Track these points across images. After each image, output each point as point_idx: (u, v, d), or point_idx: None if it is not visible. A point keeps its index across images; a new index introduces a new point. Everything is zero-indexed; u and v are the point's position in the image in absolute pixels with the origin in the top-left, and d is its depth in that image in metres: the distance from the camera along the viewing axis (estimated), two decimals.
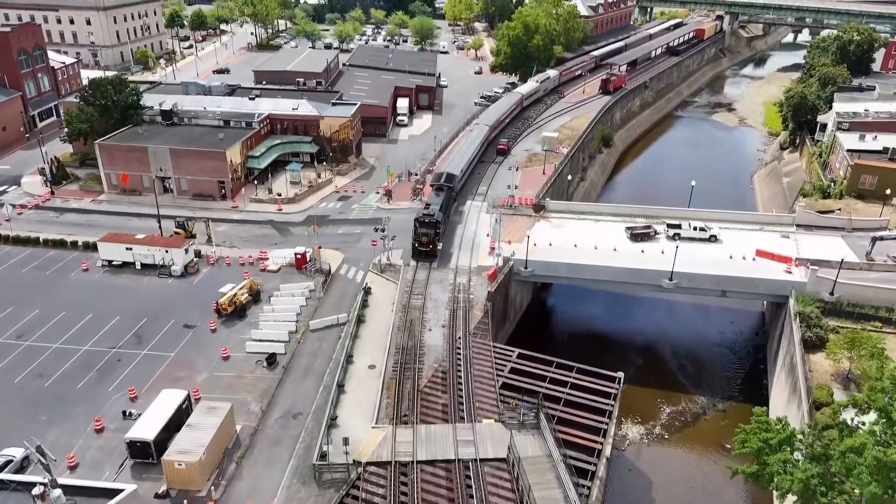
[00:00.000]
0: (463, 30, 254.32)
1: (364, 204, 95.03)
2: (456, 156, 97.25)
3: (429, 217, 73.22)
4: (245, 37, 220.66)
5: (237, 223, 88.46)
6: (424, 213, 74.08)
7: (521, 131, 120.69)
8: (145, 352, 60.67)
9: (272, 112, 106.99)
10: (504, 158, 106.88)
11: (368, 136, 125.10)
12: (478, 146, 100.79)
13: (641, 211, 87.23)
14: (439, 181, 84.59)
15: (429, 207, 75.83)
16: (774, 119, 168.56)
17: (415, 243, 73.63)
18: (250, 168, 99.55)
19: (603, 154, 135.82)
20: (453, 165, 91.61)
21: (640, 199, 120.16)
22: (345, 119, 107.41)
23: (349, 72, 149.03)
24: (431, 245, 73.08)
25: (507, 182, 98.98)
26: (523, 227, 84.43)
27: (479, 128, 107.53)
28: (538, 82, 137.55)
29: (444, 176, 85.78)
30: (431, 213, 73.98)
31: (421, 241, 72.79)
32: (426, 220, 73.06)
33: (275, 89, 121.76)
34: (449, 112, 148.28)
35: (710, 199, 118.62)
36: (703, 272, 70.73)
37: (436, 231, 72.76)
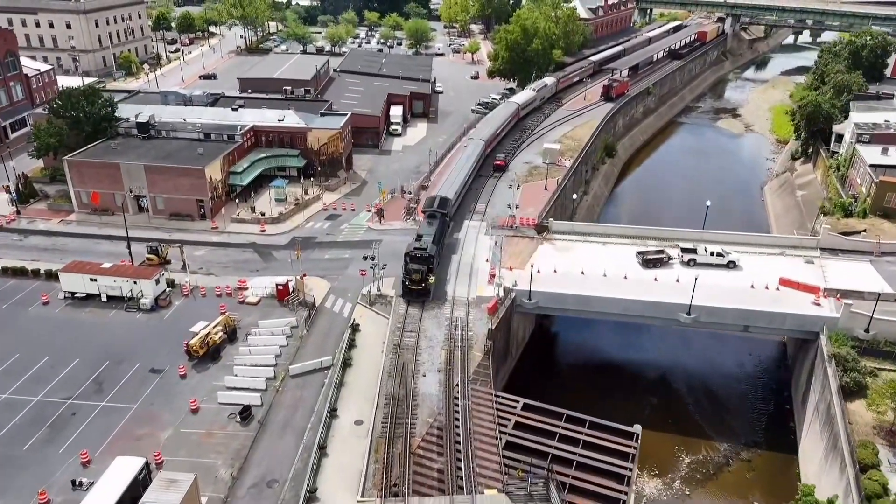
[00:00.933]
0: (459, 32, 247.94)
1: (354, 224, 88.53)
2: (449, 176, 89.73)
3: (421, 251, 65.48)
4: (234, 40, 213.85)
5: (216, 246, 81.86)
6: (416, 246, 66.30)
7: (519, 143, 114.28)
8: (104, 403, 54.07)
9: (256, 124, 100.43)
10: (502, 174, 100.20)
11: (360, 146, 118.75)
12: (473, 164, 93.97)
13: (652, 232, 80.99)
14: (432, 206, 77.06)
15: (420, 239, 67.96)
16: (782, 126, 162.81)
17: (405, 280, 65.92)
18: (232, 185, 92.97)
19: (606, 165, 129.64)
20: (446, 187, 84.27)
21: (646, 213, 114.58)
22: (334, 131, 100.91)
23: (340, 78, 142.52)
24: (424, 283, 65.43)
25: (506, 199, 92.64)
26: (525, 251, 78.23)
27: (473, 143, 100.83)
28: (535, 91, 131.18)
29: (436, 201, 78.20)
30: (423, 245, 66.29)
31: (412, 278, 65.05)
32: (418, 254, 65.37)
33: (260, 98, 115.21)
34: (444, 120, 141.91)
35: (719, 214, 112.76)
36: (724, 305, 64.40)
37: (429, 266, 65.31)
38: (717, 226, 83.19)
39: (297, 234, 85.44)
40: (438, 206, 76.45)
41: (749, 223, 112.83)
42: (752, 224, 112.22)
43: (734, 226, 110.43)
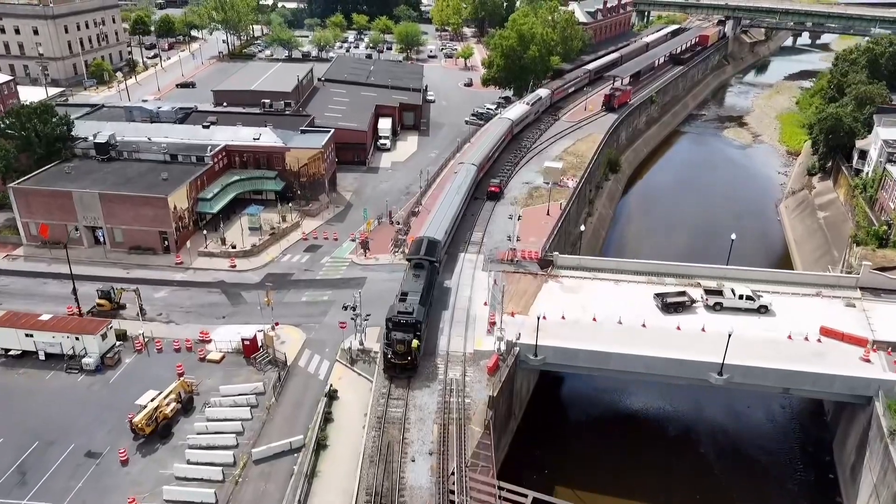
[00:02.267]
0: (451, 35, 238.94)
1: (336, 257, 79.39)
2: (438, 211, 78.01)
3: (406, 317, 54.11)
4: (216, 45, 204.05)
5: (179, 286, 72.55)
6: (400, 310, 54.91)
7: (515, 162, 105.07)
8: (24, 502, 44.70)
9: (229, 143, 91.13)
10: (498, 201, 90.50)
11: (345, 163, 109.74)
12: (464, 194, 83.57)
13: (669, 269, 72.20)
14: (418, 253, 65.46)
15: (405, 299, 56.54)
16: (792, 136, 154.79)
17: (387, 352, 54.27)
18: (201, 212, 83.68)
19: (610, 181, 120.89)
20: (434, 226, 72.96)
21: (655, 237, 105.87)
22: (315, 150, 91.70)
23: (325, 88, 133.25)
24: (410, 356, 53.48)
25: (505, 226, 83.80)
26: (528, 291, 69.29)
27: (464, 169, 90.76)
28: (528, 104, 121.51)
29: (423, 246, 66.66)
30: (409, 309, 54.85)
31: (396, 350, 53.39)
32: (402, 320, 53.86)
33: (235, 113, 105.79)
34: (437, 132, 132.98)
35: (731, 235, 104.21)
36: (762, 365, 55.56)
37: (416, 333, 54.53)
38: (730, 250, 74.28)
39: (272, 270, 76.33)
40: (426, 253, 65.17)
41: (766, 248, 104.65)
42: (769, 249, 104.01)
43: (749, 250, 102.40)
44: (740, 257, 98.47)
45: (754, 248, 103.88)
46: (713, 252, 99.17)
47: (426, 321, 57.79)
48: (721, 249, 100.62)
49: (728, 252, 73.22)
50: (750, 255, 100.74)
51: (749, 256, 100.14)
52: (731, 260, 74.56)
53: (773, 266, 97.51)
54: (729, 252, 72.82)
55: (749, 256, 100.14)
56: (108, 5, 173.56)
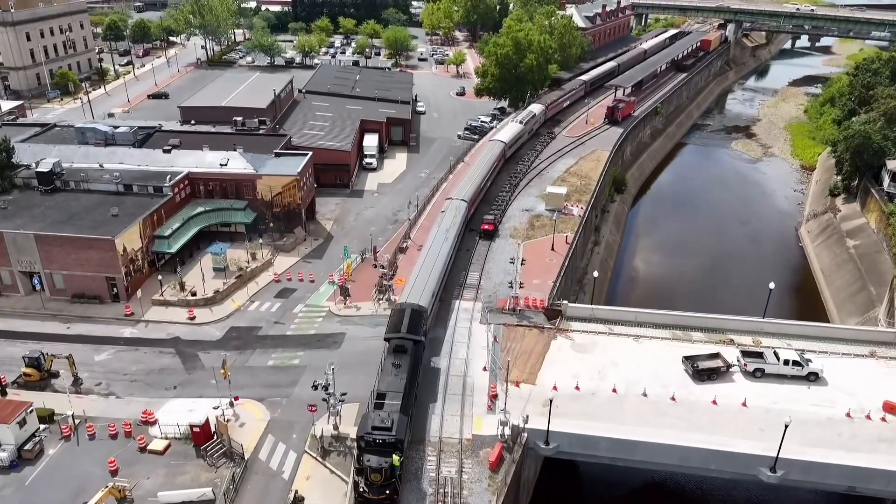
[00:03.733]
0: (442, 40, 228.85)
1: (311, 305, 69.13)
2: (422, 266, 64.58)
3: (383, 433, 41.52)
4: (195, 51, 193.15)
5: (126, 346, 62.10)
6: (375, 425, 42.06)
7: (511, 189, 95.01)
8: None
9: (193, 170, 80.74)
10: (493, 238, 79.44)
11: (327, 186, 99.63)
12: (454, 239, 71.68)
13: (696, 321, 62.42)
14: (398, 329, 51.53)
15: (381, 404, 43.92)
16: (805, 149, 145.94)
17: (358, 482, 41.95)
18: (158, 252, 73.28)
19: (616, 203, 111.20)
20: (418, 288, 59.28)
21: (668, 268, 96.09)
22: (290, 178, 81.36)
23: (306, 102, 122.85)
24: (389, 489, 41.10)
25: (505, 262, 74.28)
26: (535, 351, 59.36)
27: (453, 207, 78.25)
28: (522, 123, 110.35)
29: (404, 319, 52.76)
30: (387, 423, 42.11)
31: (371, 480, 40.97)
32: (378, 438, 41.49)
33: (204, 133, 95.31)
34: (427, 148, 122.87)
35: (748, 267, 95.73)
36: (824, 459, 45.75)
37: (396, 448, 41.73)
38: (747, 283, 64.26)
39: (237, 322, 66.01)
40: (409, 329, 51.74)
41: (789, 280, 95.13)
42: (792, 282, 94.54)
43: (768, 281, 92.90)
44: (758, 290, 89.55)
45: (775, 280, 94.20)
46: (733, 285, 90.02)
47: (410, 427, 45.30)
48: (740, 280, 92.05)
49: (766, 301, 63.15)
50: (765, 286, 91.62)
51: (805, 323, 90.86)
52: (754, 296, 64.99)
53: (799, 304, 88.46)
54: (766, 304, 62.89)
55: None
56: (76, 10, 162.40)
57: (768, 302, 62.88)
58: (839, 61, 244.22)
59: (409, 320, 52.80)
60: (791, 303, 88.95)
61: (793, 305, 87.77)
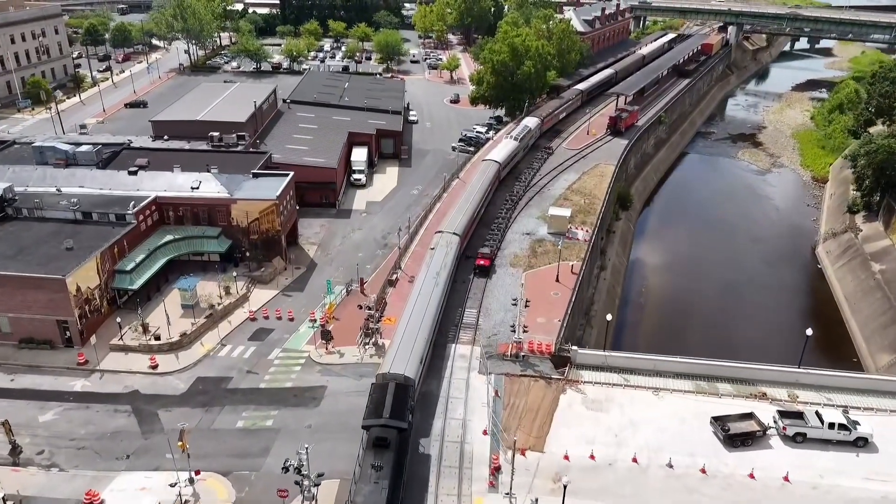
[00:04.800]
0: (435, 43, 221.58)
1: (288, 350, 61.73)
2: (409, 325, 54.38)
3: None
4: (178, 55, 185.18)
5: (77, 402, 54.57)
6: None
7: (510, 209, 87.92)
8: None
9: (161, 194, 73.23)
10: (489, 274, 71.18)
11: (312, 206, 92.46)
12: (444, 285, 62.19)
13: (722, 370, 55.43)
14: (378, 414, 43.09)
15: None
16: (815, 159, 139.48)
17: None
18: (119, 289, 65.77)
19: (621, 221, 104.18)
20: (403, 354, 49.65)
21: (679, 294, 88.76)
22: (268, 202, 73.89)
23: (290, 113, 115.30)
24: None
25: (505, 295, 67.25)
26: (542, 408, 52.29)
27: (444, 243, 68.97)
28: (516, 140, 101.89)
29: (386, 399, 44.22)
30: None
31: None
32: None
33: (176, 151, 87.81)
34: (420, 161, 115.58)
35: (767, 295, 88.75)
36: None
37: None
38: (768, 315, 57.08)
39: (204, 372, 58.57)
40: (393, 414, 42.88)
41: (809, 307, 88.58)
42: (813, 309, 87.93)
43: (788, 309, 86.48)
44: (781, 324, 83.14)
45: (794, 307, 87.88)
46: (752, 317, 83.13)
47: None
48: (760, 312, 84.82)
49: (802, 349, 56.06)
50: (790, 320, 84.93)
51: (790, 322, 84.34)
52: (777, 332, 58.12)
53: (822, 336, 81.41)
54: (802, 352, 55.78)
55: (790, 322, 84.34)
56: (50, 14, 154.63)
57: (804, 350, 55.68)
58: (841, 64, 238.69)
59: (393, 400, 44.30)
60: (813, 335, 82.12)
61: (815, 338, 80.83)
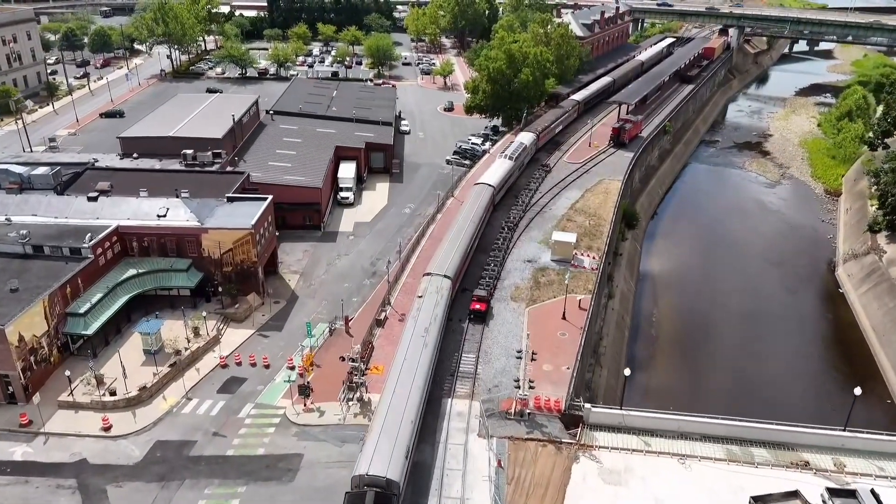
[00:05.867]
0: (428, 47, 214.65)
1: (262, 406, 54.47)
2: (392, 406, 45.52)
3: None
4: (161, 61, 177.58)
5: (13, 475, 47.22)
6: None
7: (509, 233, 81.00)
8: None
9: (124, 224, 65.90)
10: (485, 319, 63.33)
11: (295, 228, 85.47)
12: (434, 345, 53.39)
13: (757, 433, 48.55)
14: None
15: None
16: (826, 170, 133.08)
17: None
18: (72, 335, 58.44)
19: (627, 241, 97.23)
20: (385, 448, 41.30)
21: (694, 326, 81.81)
22: (243, 232, 66.62)
23: (273, 125, 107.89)
24: None
25: (507, 336, 60.39)
26: (552, 479, 45.37)
27: (433, 288, 60.60)
28: (512, 159, 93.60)
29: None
30: None
31: None
32: None
33: (145, 171, 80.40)
34: (412, 176, 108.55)
35: (790, 328, 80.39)
36: None
37: None
38: (850, 410, 50.10)
39: (164, 435, 51.30)
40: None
41: (832, 338, 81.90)
42: (836, 338, 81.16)
43: (814, 348, 79.43)
44: (803, 353, 76.34)
45: (818, 340, 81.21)
46: (778, 355, 76.29)
47: None
48: (785, 349, 77.47)
49: (848, 411, 49.09)
50: (817, 355, 78.38)
51: (816, 358, 77.81)
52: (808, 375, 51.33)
53: (847, 370, 75.06)
54: (849, 414, 48.82)
55: (816, 358, 77.81)
56: (22, 19, 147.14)
57: (851, 411, 48.72)
58: (844, 68, 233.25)
59: None
60: (836, 369, 75.70)
61: (839, 375, 74.37)
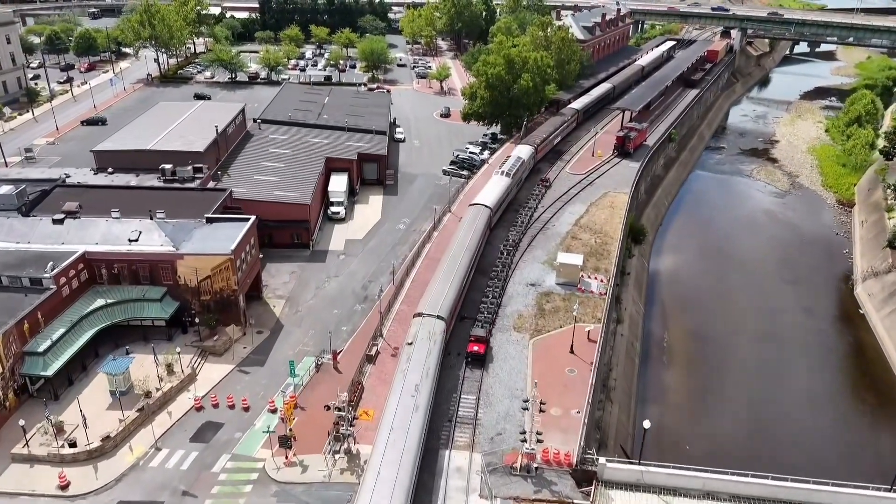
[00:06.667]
0: (424, 49, 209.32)
1: (239, 458, 49.02)
2: (377, 492, 39.29)
3: None
4: (147, 65, 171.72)
5: None
6: None
7: (510, 253, 75.86)
8: None
9: (92, 250, 60.42)
10: (485, 362, 57.17)
11: (281, 248, 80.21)
12: (426, 408, 46.74)
13: (793, 493, 43.34)
14: None
15: None
16: (836, 178, 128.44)
17: None
18: (30, 376, 52.96)
19: (635, 258, 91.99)
20: None
21: (709, 357, 76.09)
22: (222, 258, 61.16)
23: (260, 135, 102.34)
24: None
25: (510, 374, 55.24)
26: None
27: (426, 330, 54.24)
28: (508, 175, 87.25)
29: None
30: None
31: None
32: None
33: (119, 188, 74.84)
34: (407, 189, 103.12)
35: (813, 358, 74.93)
36: None
37: None
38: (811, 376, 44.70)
39: (128, 494, 45.82)
40: None
41: (859, 369, 76.85)
42: (866, 373, 75.87)
43: (839, 380, 74.11)
44: (828, 382, 71.10)
45: (842, 367, 76.08)
46: (793, 383, 71.24)
47: None
48: (811, 382, 71.91)
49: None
50: (838, 383, 73.41)
51: (842, 391, 72.79)
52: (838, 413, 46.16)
53: (873, 400, 70.09)
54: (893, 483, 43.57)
55: (842, 391, 72.79)
56: (1, 22, 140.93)
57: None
58: (848, 70, 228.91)
59: None
60: (865, 402, 70.65)
61: (869, 412, 69.32)
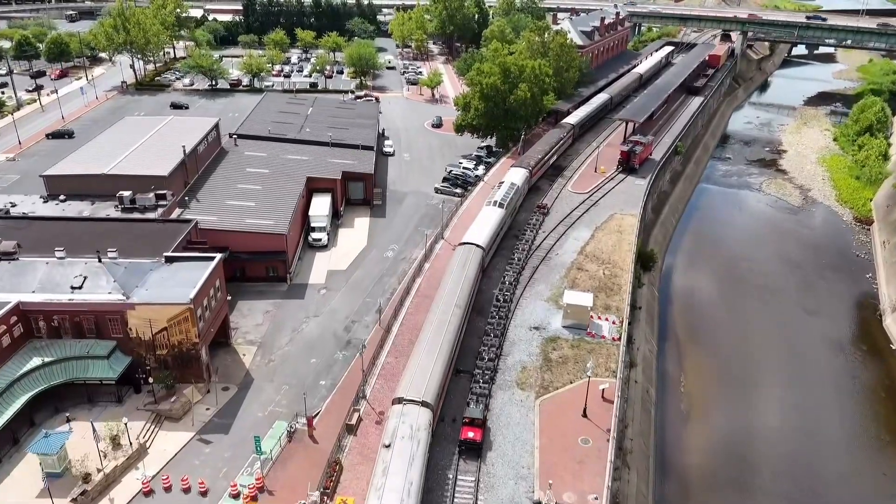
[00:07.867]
0: (415, 54, 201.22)
1: None
2: None
3: None
4: (124, 71, 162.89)
5: None
6: None
7: (510, 290, 68.07)
8: None
9: (27, 299, 52.06)
10: (482, 451, 48.02)
11: (255, 282, 72.05)
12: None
13: None
14: None
15: None
16: (850, 192, 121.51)
17: None
18: None
19: (645, 287, 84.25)
20: None
21: (730, 410, 67.45)
22: (180, 307, 52.90)
23: (236, 152, 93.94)
24: None
25: (514, 451, 47.34)
26: None
27: (409, 422, 44.85)
28: (502, 205, 78.65)
29: None
30: None
31: None
32: None
33: (69, 220, 66.41)
34: (396, 209, 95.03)
35: (845, 404, 67.15)
36: None
37: None
38: (850, 429, 37.08)
39: None
40: None
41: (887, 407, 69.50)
42: None
43: (873, 425, 66.48)
44: (861, 427, 64.06)
45: (877, 412, 68.65)
46: (828, 435, 63.68)
47: None
48: (850, 434, 64.30)
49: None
50: (869, 427, 65.91)
51: (871, 430, 65.28)
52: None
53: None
54: None
55: (871, 430, 65.28)
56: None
57: None
58: (850, 74, 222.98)
59: None
60: None
61: None
